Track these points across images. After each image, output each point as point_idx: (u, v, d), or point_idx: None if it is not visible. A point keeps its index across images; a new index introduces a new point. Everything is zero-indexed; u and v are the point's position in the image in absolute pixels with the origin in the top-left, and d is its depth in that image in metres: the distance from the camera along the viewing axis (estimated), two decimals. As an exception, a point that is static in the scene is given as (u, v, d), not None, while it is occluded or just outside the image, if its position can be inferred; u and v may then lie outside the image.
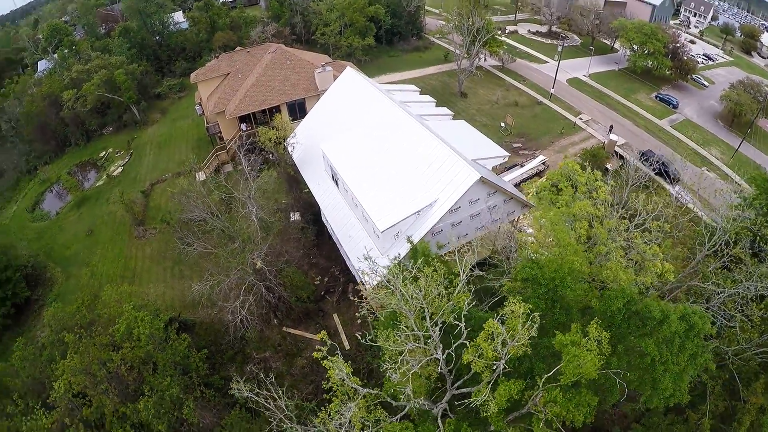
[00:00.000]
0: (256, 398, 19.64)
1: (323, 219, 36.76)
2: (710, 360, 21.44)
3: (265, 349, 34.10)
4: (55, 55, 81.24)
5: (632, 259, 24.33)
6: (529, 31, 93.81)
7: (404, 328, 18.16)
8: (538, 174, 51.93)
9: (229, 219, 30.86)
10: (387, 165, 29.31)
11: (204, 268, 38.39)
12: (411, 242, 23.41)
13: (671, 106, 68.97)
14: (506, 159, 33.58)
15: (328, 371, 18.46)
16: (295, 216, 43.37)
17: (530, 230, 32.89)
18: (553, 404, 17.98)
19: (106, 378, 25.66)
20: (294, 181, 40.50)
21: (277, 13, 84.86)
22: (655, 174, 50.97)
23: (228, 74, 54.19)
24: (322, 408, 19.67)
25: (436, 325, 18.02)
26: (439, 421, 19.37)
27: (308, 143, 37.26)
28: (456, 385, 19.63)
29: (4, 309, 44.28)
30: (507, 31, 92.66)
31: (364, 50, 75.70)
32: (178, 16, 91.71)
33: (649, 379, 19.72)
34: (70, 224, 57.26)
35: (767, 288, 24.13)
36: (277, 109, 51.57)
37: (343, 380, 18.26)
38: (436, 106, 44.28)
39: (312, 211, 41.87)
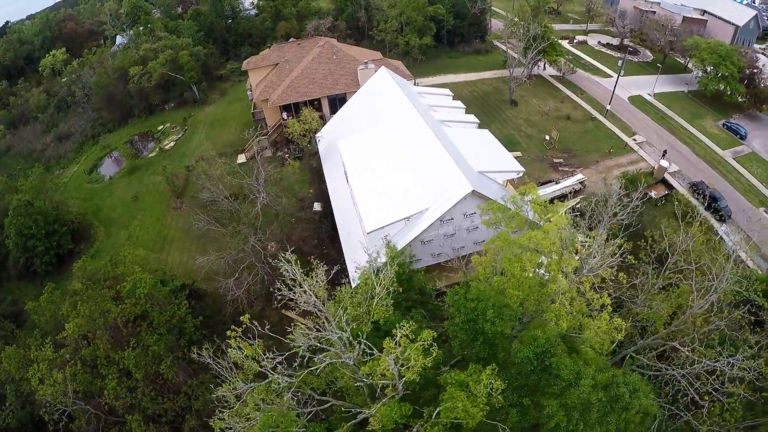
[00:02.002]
0: (216, 366, 20.14)
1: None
2: None
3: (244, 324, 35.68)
4: (131, 32, 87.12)
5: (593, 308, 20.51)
6: (599, 42, 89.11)
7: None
8: (573, 193, 49.37)
9: (242, 203, 31.95)
10: (393, 168, 29.14)
11: (222, 245, 40.26)
12: (390, 247, 23.01)
13: (739, 136, 63.08)
14: (521, 174, 32.05)
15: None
16: (316, 207, 44.16)
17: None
18: None
19: (103, 326, 28.12)
20: (317, 173, 41.16)
21: (341, 6, 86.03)
22: (704, 208, 46.65)
23: (277, 64, 55.78)
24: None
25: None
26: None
27: (331, 138, 37.74)
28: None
29: (47, 257, 48.89)
30: (575, 41, 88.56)
31: (421, 49, 75.15)
32: (248, 3, 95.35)
33: None
34: (120, 189, 61.56)
35: (748, 369, 20.29)
36: (319, 102, 52.52)
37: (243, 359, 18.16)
38: (466, 113, 43.18)
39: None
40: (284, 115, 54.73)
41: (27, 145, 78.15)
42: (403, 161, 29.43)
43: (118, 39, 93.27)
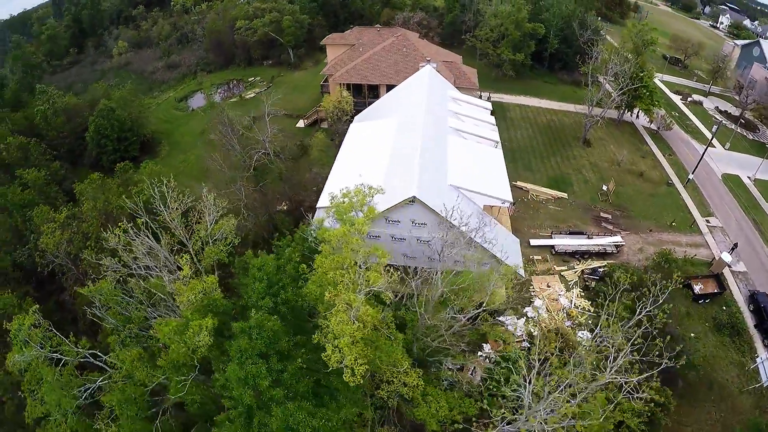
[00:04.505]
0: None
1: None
2: None
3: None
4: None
5: None
6: (716, 107, 79.54)
7: None
8: (603, 254, 45.06)
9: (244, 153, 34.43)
10: (374, 158, 29.28)
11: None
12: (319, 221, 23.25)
13: None
14: (506, 204, 29.98)
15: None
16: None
17: None
18: None
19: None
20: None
21: (450, 6, 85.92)
22: (754, 326, 39.71)
23: (353, 45, 57.70)
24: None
25: None
26: None
27: (360, 119, 38.64)
28: None
29: (114, 157, 56.18)
30: (689, 99, 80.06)
31: (513, 65, 72.80)
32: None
33: None
34: (195, 121, 68.15)
35: None
36: (377, 88, 53.61)
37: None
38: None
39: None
40: (344, 93, 56.64)
41: (142, 65, 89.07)
42: (386, 154, 29.50)
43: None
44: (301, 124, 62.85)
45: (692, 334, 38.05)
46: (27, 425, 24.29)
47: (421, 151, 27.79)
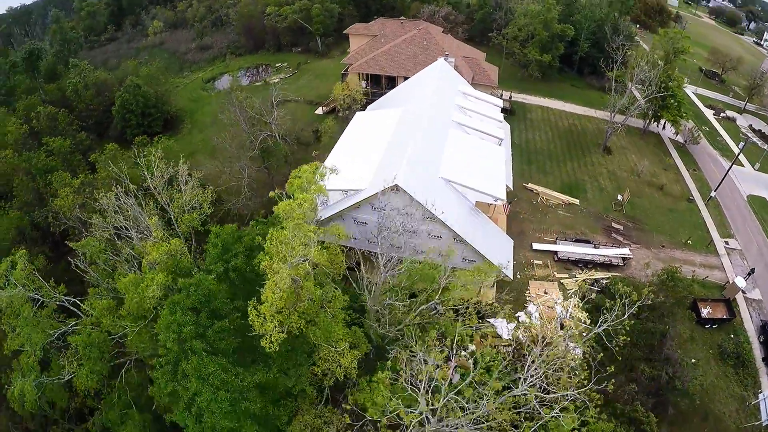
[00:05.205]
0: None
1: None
2: None
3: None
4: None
5: None
6: (750, 126, 76.22)
7: None
8: (608, 266, 43.79)
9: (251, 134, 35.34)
10: (371, 145, 29.57)
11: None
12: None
13: None
14: (499, 202, 29.44)
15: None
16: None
17: None
18: None
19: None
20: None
21: (482, 2, 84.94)
22: (762, 358, 37.55)
23: (375, 36, 57.84)
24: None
25: None
26: None
27: (372, 108, 38.96)
28: None
29: (137, 131, 57.95)
30: (722, 115, 77.01)
31: (539, 66, 71.57)
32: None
33: None
34: (220, 102, 69.70)
35: None
36: (395, 79, 53.67)
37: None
38: (499, 124, 40.68)
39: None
40: (363, 83, 56.97)
41: (176, 45, 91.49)
42: (383, 143, 29.67)
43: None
44: (319, 111, 63.60)
45: (693, 360, 36.07)
46: (5, 356, 27.05)
47: (414, 142, 27.83)
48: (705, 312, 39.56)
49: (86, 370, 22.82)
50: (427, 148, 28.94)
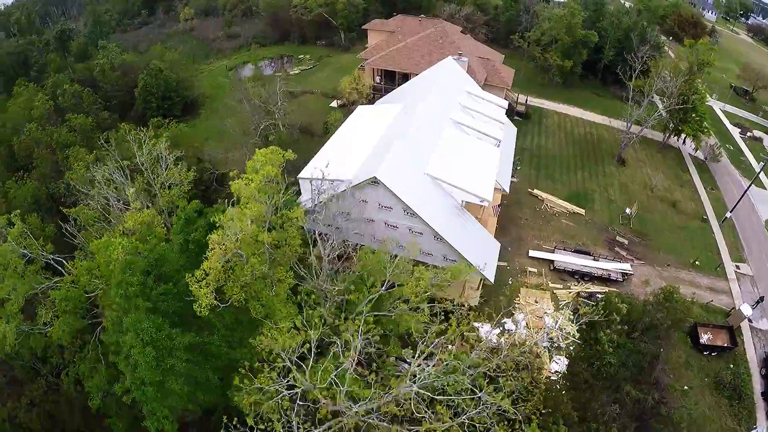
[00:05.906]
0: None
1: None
2: None
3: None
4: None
5: None
6: (782, 145, 73.43)
7: None
8: (606, 280, 42.88)
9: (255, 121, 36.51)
10: (366, 138, 30.01)
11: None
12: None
13: None
14: (485, 203, 29.17)
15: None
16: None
17: None
18: None
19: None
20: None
21: (507, 5, 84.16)
22: (761, 392, 35.88)
23: (393, 32, 58.14)
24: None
25: None
26: None
27: (380, 103, 39.50)
28: None
29: (157, 113, 59.23)
30: (749, 134, 74.29)
31: (561, 71, 70.56)
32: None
33: None
34: (231, 90, 71.24)
35: None
36: (408, 76, 53.88)
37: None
38: (501, 125, 40.54)
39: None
40: (377, 78, 57.42)
41: (205, 32, 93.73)
42: (376, 136, 30.15)
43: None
44: (334, 104, 64.33)
45: (685, 387, 34.70)
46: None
47: (405, 137, 28.11)
48: (705, 338, 37.92)
49: (60, 322, 24.90)
50: (418, 145, 29.20)
